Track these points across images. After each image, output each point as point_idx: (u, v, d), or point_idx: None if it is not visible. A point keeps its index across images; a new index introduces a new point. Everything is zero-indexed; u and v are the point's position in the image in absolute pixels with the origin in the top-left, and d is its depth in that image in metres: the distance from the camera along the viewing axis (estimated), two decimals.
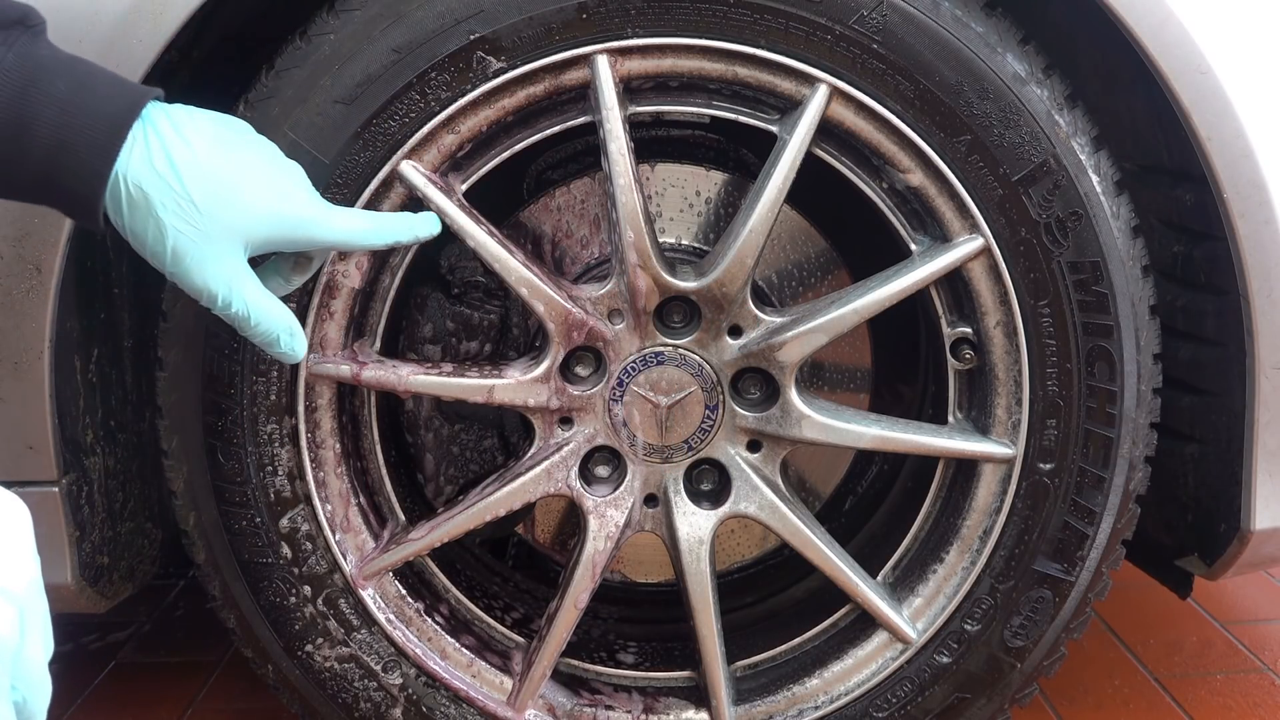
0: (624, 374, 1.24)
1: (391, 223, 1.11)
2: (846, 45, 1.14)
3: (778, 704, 1.34)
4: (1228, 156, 1.16)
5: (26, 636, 0.75)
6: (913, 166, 1.18)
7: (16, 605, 0.75)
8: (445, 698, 1.32)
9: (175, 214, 0.97)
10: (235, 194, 0.99)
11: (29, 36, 0.94)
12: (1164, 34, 1.14)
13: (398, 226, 1.11)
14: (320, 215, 1.05)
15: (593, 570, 1.28)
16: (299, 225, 1.04)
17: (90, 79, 0.96)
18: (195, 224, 0.98)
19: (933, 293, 1.25)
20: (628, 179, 1.17)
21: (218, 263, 1.00)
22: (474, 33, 1.13)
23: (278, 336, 1.05)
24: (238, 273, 1.01)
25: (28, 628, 0.75)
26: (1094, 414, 1.22)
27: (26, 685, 0.75)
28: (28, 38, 0.94)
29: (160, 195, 0.96)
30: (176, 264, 0.99)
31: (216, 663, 1.77)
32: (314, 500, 1.25)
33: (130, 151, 0.96)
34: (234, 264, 1.01)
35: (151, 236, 0.98)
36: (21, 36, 0.93)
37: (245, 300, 1.02)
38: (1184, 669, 1.71)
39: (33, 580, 0.77)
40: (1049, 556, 1.27)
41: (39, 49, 0.94)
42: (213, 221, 0.98)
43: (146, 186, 0.96)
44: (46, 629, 0.78)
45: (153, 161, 0.96)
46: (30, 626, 0.76)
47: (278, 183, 1.04)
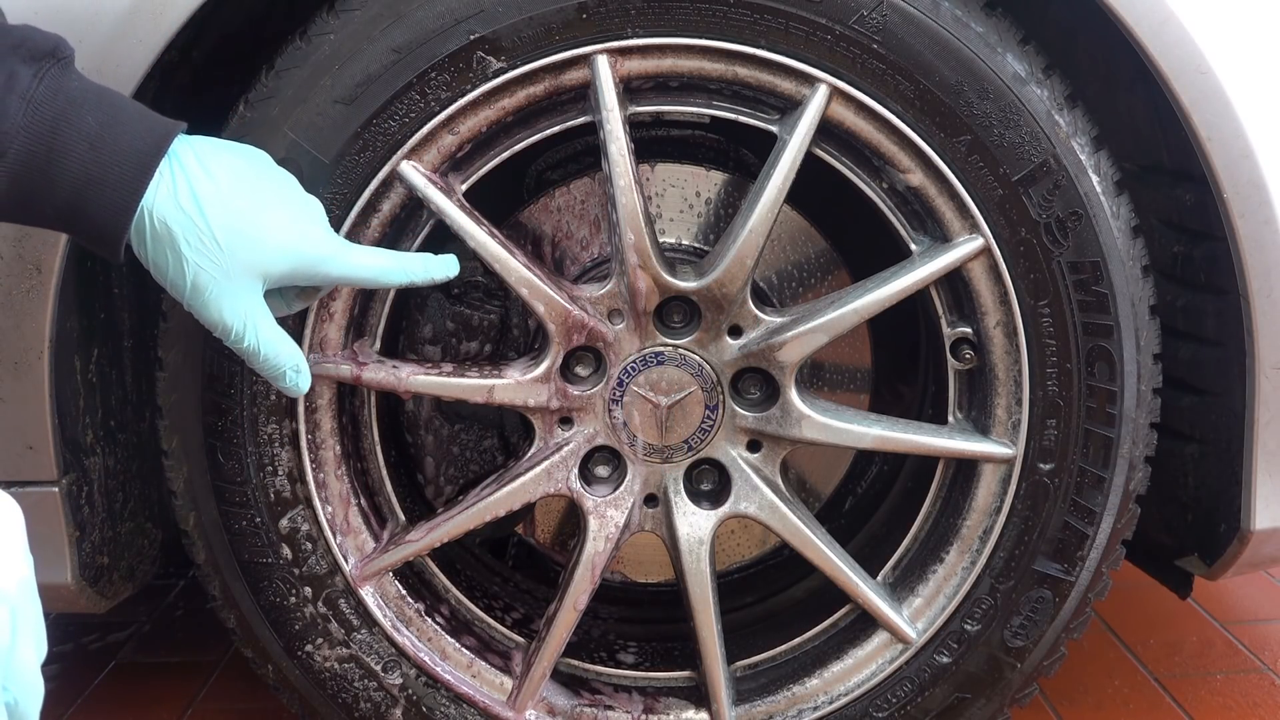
0: (624, 374, 1.24)
1: (410, 263, 1.12)
2: (846, 45, 1.14)
3: (778, 704, 1.34)
4: (1228, 156, 1.16)
5: (18, 637, 0.75)
6: (913, 166, 1.18)
7: (8, 605, 0.75)
8: (445, 698, 1.32)
9: (197, 250, 0.99)
10: (256, 231, 1.01)
11: (59, 68, 0.95)
12: (1164, 34, 1.14)
13: (415, 267, 1.13)
14: (339, 253, 1.07)
15: (592, 570, 1.28)
16: (318, 262, 1.06)
17: (119, 112, 0.97)
18: (216, 260, 1.00)
19: (933, 293, 1.25)
20: (628, 179, 1.17)
21: (235, 298, 1.02)
22: (474, 33, 1.13)
23: (285, 372, 1.08)
24: (253, 308, 1.03)
25: (19, 628, 0.75)
26: (1094, 414, 1.22)
27: (18, 686, 0.75)
28: (58, 69, 0.95)
29: (184, 231, 0.98)
30: (195, 297, 1.01)
31: (216, 663, 1.77)
32: (314, 501, 1.25)
33: (156, 187, 0.97)
34: (250, 299, 1.03)
35: (173, 270, 1.00)
36: (52, 69, 0.95)
37: (258, 335, 1.04)
38: (1184, 669, 1.71)
39: (25, 580, 0.77)
40: (1049, 556, 1.27)
41: (69, 81, 0.96)
42: (233, 258, 1.00)
43: (171, 222, 0.98)
44: (39, 630, 0.78)
45: (178, 198, 0.98)
46: (22, 627, 0.76)
47: (298, 219, 1.05)
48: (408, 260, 1.13)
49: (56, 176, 0.94)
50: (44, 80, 0.93)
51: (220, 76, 1.31)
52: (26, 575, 0.78)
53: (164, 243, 0.98)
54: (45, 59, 0.94)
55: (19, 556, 0.77)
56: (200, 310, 1.02)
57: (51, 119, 0.93)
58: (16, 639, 0.75)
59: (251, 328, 1.03)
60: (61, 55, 0.96)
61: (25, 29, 0.95)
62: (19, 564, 0.77)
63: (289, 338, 1.07)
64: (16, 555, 0.77)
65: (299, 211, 1.06)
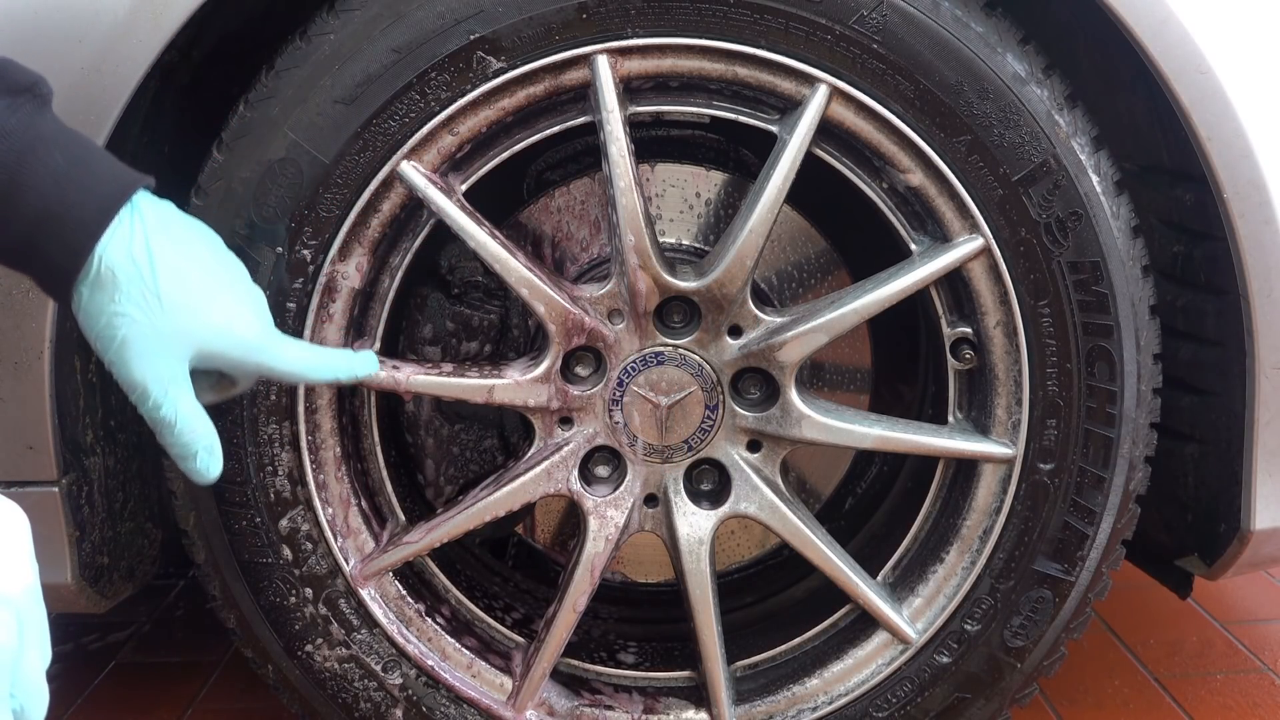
0: (624, 374, 1.24)
1: (334, 360, 1.12)
2: (846, 45, 1.14)
3: (778, 704, 1.34)
4: (1228, 156, 1.16)
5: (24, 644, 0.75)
6: (913, 166, 1.18)
7: (14, 611, 0.74)
8: (445, 698, 1.32)
9: (138, 305, 0.97)
10: (200, 301, 1.00)
11: (35, 105, 0.95)
12: (1164, 34, 1.14)
13: (338, 363, 1.12)
14: (273, 344, 1.06)
15: (592, 571, 1.28)
16: (251, 349, 1.04)
17: (88, 156, 0.96)
18: (153, 319, 0.97)
19: (933, 293, 1.25)
20: (628, 180, 1.17)
21: (160, 361, 0.99)
22: (474, 33, 1.13)
23: (196, 452, 1.03)
24: (176, 377, 1.00)
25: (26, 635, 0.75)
26: (1094, 414, 1.22)
27: (25, 693, 0.75)
28: (33, 106, 0.94)
29: (129, 283, 0.96)
30: (120, 353, 0.98)
31: (216, 663, 1.77)
32: (314, 501, 1.25)
33: (112, 234, 0.96)
34: (176, 367, 1.00)
35: (106, 321, 0.97)
36: (28, 104, 0.94)
37: (176, 407, 1.01)
38: (1184, 669, 1.71)
39: (31, 586, 0.77)
40: (1049, 556, 1.27)
41: (43, 119, 0.95)
42: (170, 321, 0.98)
43: (118, 271, 0.96)
44: (44, 636, 0.78)
45: (131, 248, 0.96)
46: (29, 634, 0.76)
47: (242, 303, 1.04)
48: (332, 357, 1.13)
49: (16, 209, 0.93)
50: (17, 113, 0.93)
51: (220, 76, 1.31)
52: (32, 581, 0.77)
53: (105, 291, 0.96)
54: (22, 94, 0.94)
55: (25, 563, 0.77)
56: (122, 367, 0.99)
57: (19, 151, 0.92)
58: (23, 646, 0.75)
59: (171, 397, 1.00)
60: (39, 92, 0.95)
61: (5, 61, 0.94)
62: (25, 570, 0.77)
63: (207, 417, 1.03)
64: (22, 561, 0.77)
65: (245, 296, 1.05)
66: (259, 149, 1.16)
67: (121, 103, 1.14)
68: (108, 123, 1.14)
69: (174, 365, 1.00)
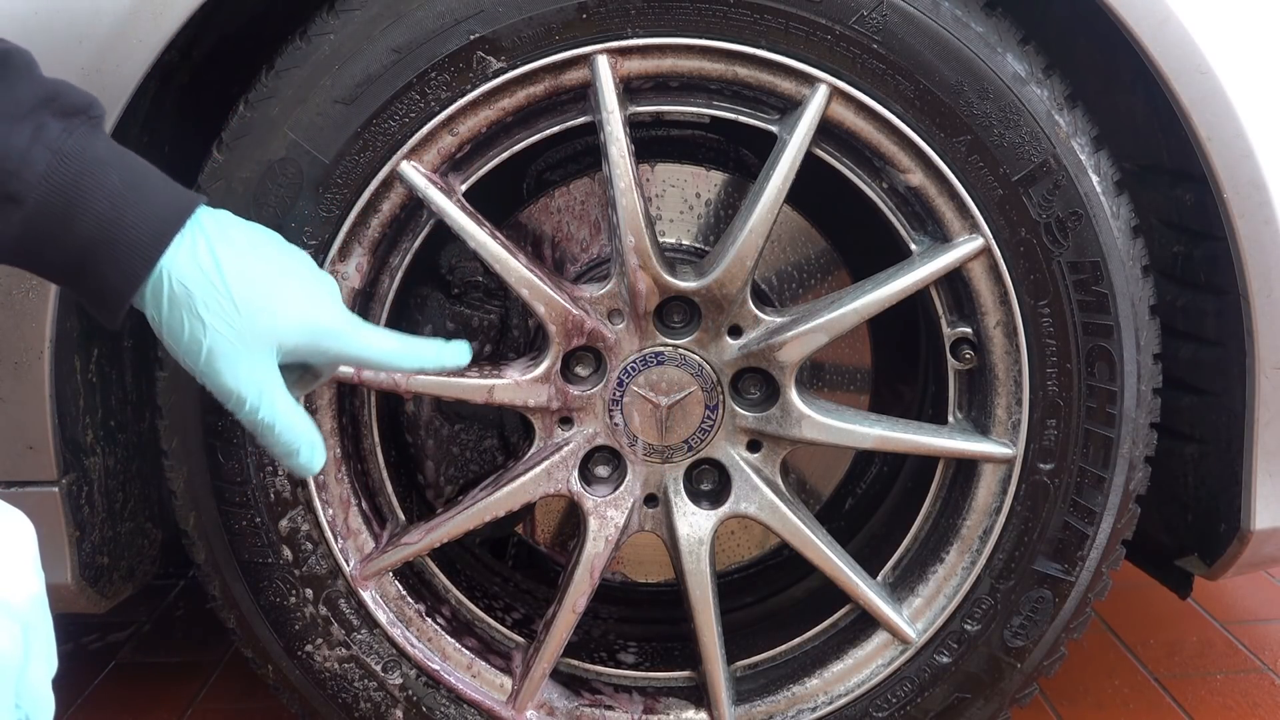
0: (624, 374, 1.24)
1: (421, 348, 1.11)
2: (846, 45, 1.14)
3: (778, 704, 1.34)
4: (1228, 156, 1.16)
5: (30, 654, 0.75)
6: (913, 166, 1.18)
7: (20, 622, 0.74)
8: (445, 698, 1.32)
9: (216, 313, 0.97)
10: (274, 299, 0.99)
11: (89, 126, 0.94)
12: (1164, 34, 1.14)
13: (426, 353, 1.11)
14: (352, 330, 1.05)
15: (592, 571, 1.28)
16: (331, 336, 1.03)
17: (145, 177, 0.96)
18: (234, 324, 0.97)
19: (933, 293, 1.25)
20: (628, 181, 1.17)
21: (251, 366, 0.99)
22: (474, 33, 1.13)
23: (298, 449, 1.04)
24: (269, 379, 1.00)
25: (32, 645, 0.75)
26: (1094, 414, 1.22)
27: (30, 704, 0.75)
28: (88, 127, 0.94)
29: (203, 293, 0.96)
30: (210, 364, 0.98)
31: (216, 663, 1.77)
32: (314, 501, 1.25)
33: (177, 249, 0.95)
34: (266, 369, 1.00)
35: (188, 334, 0.97)
36: (83, 126, 0.93)
37: (274, 408, 1.01)
38: (1184, 669, 1.71)
39: (36, 596, 0.77)
40: (1049, 556, 1.27)
41: (98, 139, 0.94)
42: (251, 324, 0.98)
43: (190, 284, 0.96)
44: (50, 645, 0.78)
45: (198, 260, 0.96)
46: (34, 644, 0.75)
47: (314, 293, 1.04)
48: (420, 346, 1.11)
49: (71, 230, 0.92)
50: (73, 135, 0.92)
51: (220, 76, 1.31)
52: (38, 591, 0.77)
53: (181, 305, 0.96)
54: (77, 115, 0.93)
55: (30, 572, 0.77)
56: (214, 378, 0.99)
57: (75, 173, 0.92)
58: (29, 657, 0.75)
59: (268, 399, 1.00)
60: (94, 114, 0.95)
61: (61, 84, 0.94)
62: (30, 580, 0.77)
63: (305, 413, 1.04)
64: (28, 571, 0.77)
65: (315, 287, 1.04)
66: (259, 149, 1.16)
67: (122, 103, 1.14)
68: (108, 123, 1.13)
69: (264, 367, 1.00)
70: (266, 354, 1.00)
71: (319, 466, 1.06)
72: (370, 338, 1.07)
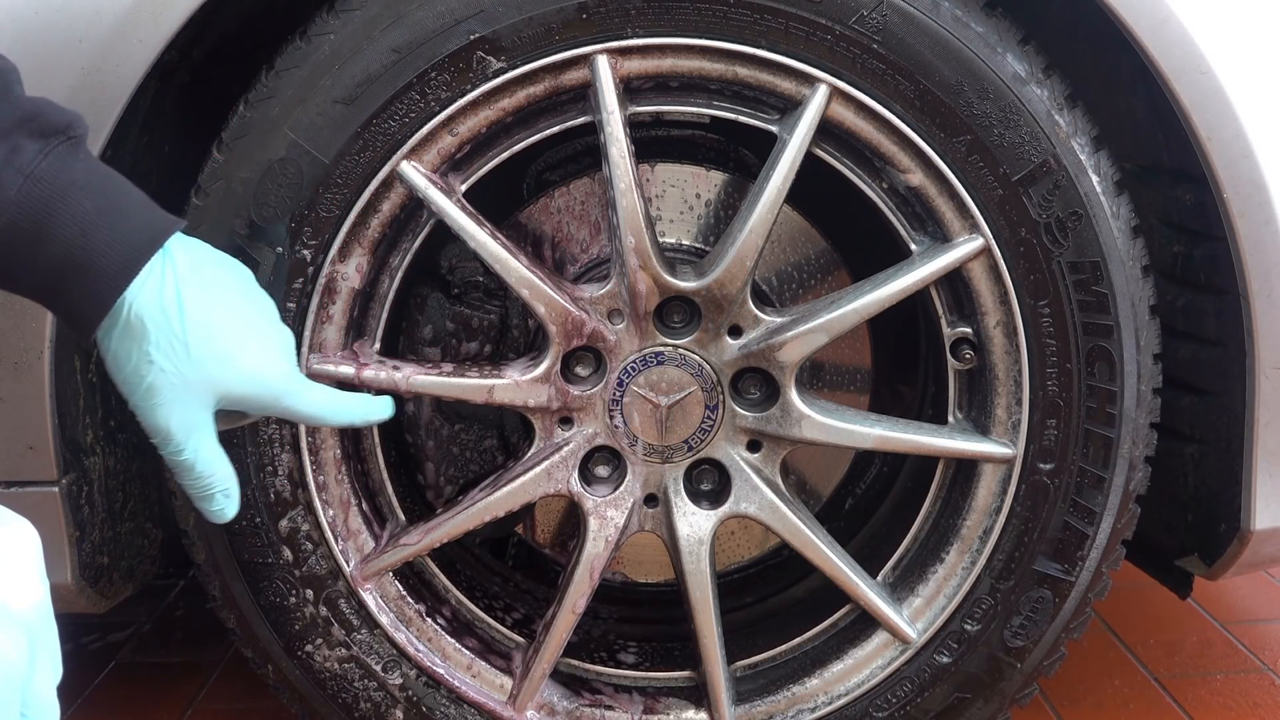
0: (624, 374, 1.24)
1: (351, 404, 1.13)
2: (846, 45, 1.14)
3: (778, 704, 1.34)
4: (1228, 156, 1.16)
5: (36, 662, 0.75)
6: (913, 166, 1.18)
7: (26, 630, 0.74)
8: (445, 698, 1.32)
9: (166, 355, 0.96)
10: (229, 352, 0.99)
11: (69, 147, 0.93)
12: (1164, 34, 1.14)
13: (355, 408, 1.13)
14: (297, 389, 1.06)
15: (592, 571, 1.28)
16: (278, 394, 1.04)
17: (119, 202, 0.94)
18: (181, 370, 0.97)
19: (933, 293, 1.25)
20: (628, 181, 1.17)
21: (185, 409, 0.99)
22: (474, 33, 1.13)
23: (214, 494, 1.04)
24: (200, 423, 1.00)
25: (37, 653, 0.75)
26: (1094, 414, 1.22)
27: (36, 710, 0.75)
28: (66, 147, 0.93)
29: (158, 333, 0.96)
30: (147, 399, 0.98)
31: (216, 663, 1.77)
32: (314, 502, 1.25)
33: (144, 281, 0.94)
34: (200, 413, 1.00)
35: (133, 367, 0.96)
36: (61, 146, 0.92)
37: (198, 452, 1.01)
38: (1184, 669, 1.71)
39: (41, 603, 0.77)
40: (1049, 556, 1.27)
41: (76, 161, 0.93)
42: (198, 371, 0.98)
43: (148, 320, 0.95)
44: (55, 652, 0.78)
45: (162, 297, 0.95)
46: (40, 652, 0.75)
47: (270, 349, 1.04)
48: (350, 401, 1.13)
49: (42, 254, 0.91)
50: (49, 157, 0.91)
51: (220, 76, 1.31)
52: (42, 598, 0.77)
53: (133, 339, 0.95)
54: (55, 135, 0.92)
55: (35, 580, 0.77)
56: (148, 413, 0.98)
57: (47, 197, 0.90)
58: (34, 664, 0.75)
59: (193, 442, 1.00)
60: (73, 134, 0.93)
61: (42, 103, 0.93)
62: (35, 587, 0.77)
63: (227, 459, 1.03)
64: (33, 578, 0.77)
65: (274, 342, 1.04)
66: (259, 149, 1.16)
67: (122, 103, 1.14)
68: (108, 123, 1.14)
69: (198, 412, 0.99)
70: (205, 401, 0.99)
71: (232, 514, 1.06)
72: (313, 395, 1.07)
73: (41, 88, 1.12)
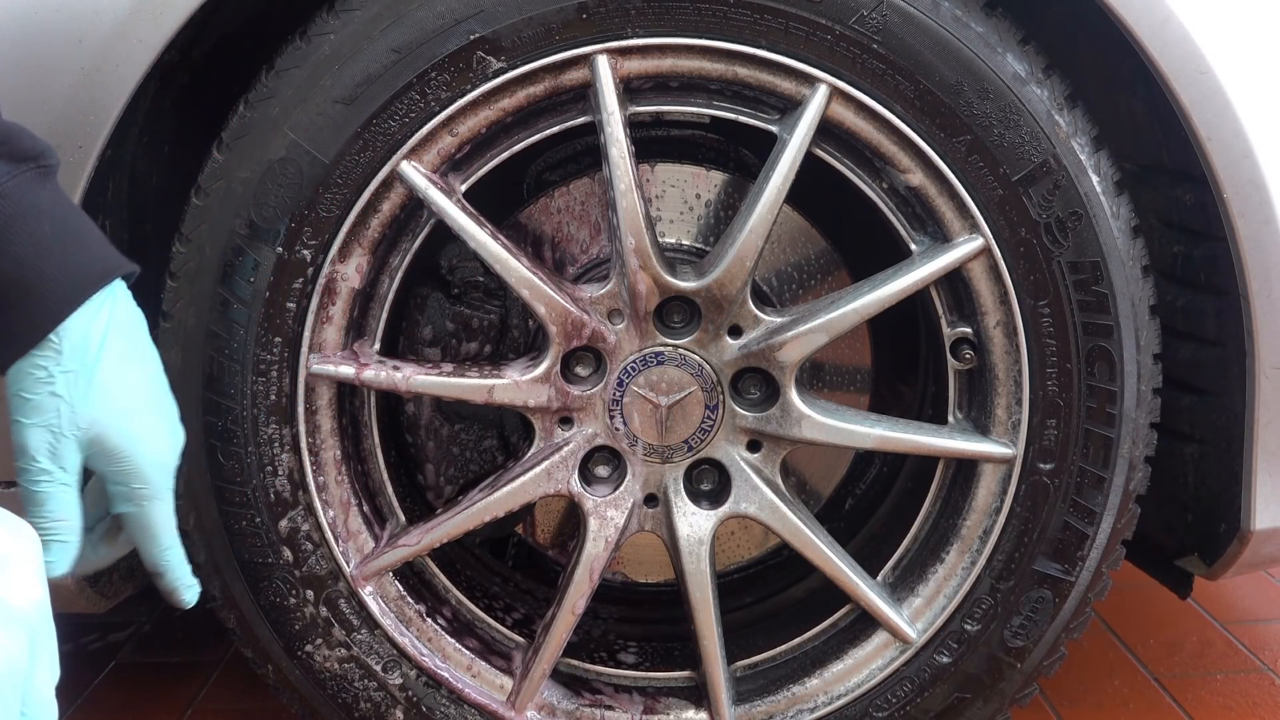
0: (624, 374, 1.24)
1: (172, 562, 1.03)
2: (846, 45, 1.14)
3: (778, 704, 1.34)
4: (1228, 156, 1.16)
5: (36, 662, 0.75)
6: (913, 166, 1.18)
7: (27, 629, 0.75)
8: (445, 698, 1.32)
9: (69, 379, 0.92)
10: (127, 406, 0.95)
11: (37, 175, 0.92)
12: (1164, 34, 1.14)
13: (177, 575, 1.04)
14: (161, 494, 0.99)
15: (591, 571, 1.28)
16: (144, 474, 0.97)
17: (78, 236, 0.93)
18: (74, 397, 0.93)
19: (933, 293, 1.25)
20: (628, 182, 1.17)
21: (59, 440, 0.93)
22: (474, 33, 1.13)
23: (51, 542, 0.94)
24: (67, 462, 0.94)
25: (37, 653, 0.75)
26: (1094, 414, 1.22)
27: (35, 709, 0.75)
28: (35, 175, 0.92)
29: (71, 357, 0.92)
30: (28, 414, 0.93)
31: (216, 663, 1.77)
32: (314, 502, 1.25)
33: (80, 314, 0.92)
34: (71, 452, 0.94)
35: (29, 379, 0.92)
36: (30, 173, 0.91)
37: (51, 488, 0.94)
38: (1184, 669, 1.71)
39: (40, 602, 0.77)
40: (1049, 556, 1.27)
41: (42, 189, 0.92)
42: (89, 408, 0.93)
43: (66, 341, 0.92)
44: (53, 652, 0.78)
45: (89, 328, 0.92)
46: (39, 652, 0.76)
47: (164, 433, 0.99)
48: (172, 558, 1.02)
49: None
50: (15, 179, 0.90)
51: (220, 76, 1.31)
52: (42, 598, 0.77)
53: (45, 352, 0.92)
54: (25, 161, 0.91)
55: (35, 580, 0.77)
56: (20, 430, 0.93)
57: (8, 215, 0.89)
58: (34, 664, 0.75)
59: (54, 477, 0.93)
60: (45, 163, 0.93)
61: (15, 129, 0.92)
62: (35, 587, 0.77)
63: (80, 514, 0.95)
64: (32, 578, 0.77)
65: (171, 430, 1.00)
66: (259, 149, 1.16)
67: (122, 103, 1.14)
68: (108, 123, 1.14)
69: (70, 450, 0.94)
70: (80, 442, 0.94)
71: (62, 570, 0.97)
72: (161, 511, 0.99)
73: (41, 87, 1.12)
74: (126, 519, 0.99)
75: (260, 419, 1.22)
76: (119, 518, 0.99)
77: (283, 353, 1.21)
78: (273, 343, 1.20)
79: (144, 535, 1.00)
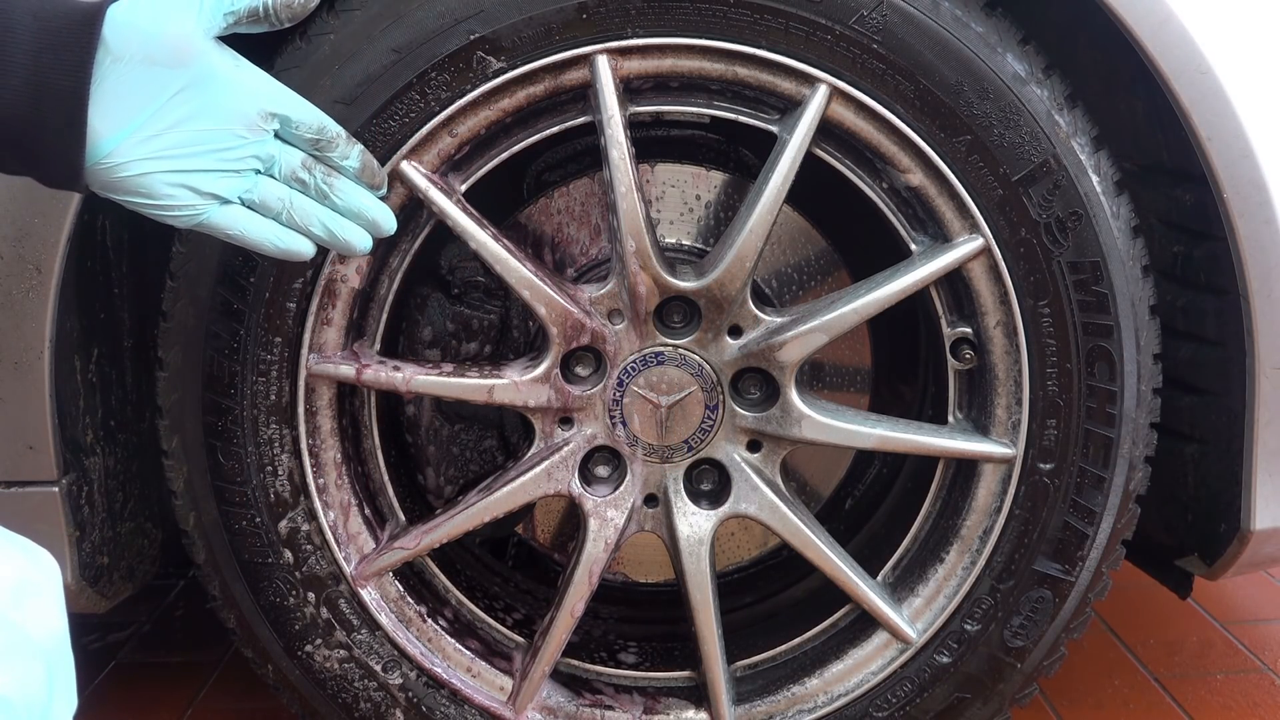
0: (624, 374, 1.24)
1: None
2: (846, 45, 1.14)
3: (778, 704, 1.34)
4: (1228, 156, 1.16)
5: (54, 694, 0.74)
6: (913, 166, 1.18)
7: (45, 662, 0.74)
8: (445, 698, 1.32)
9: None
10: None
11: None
12: (1164, 34, 1.14)
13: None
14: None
15: (591, 571, 1.28)
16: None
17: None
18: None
19: (933, 293, 1.25)
20: (628, 183, 1.17)
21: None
22: (474, 33, 1.13)
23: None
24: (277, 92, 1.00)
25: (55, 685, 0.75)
26: (1094, 414, 1.22)
27: None
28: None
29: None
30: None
31: (216, 663, 1.77)
32: (314, 502, 1.25)
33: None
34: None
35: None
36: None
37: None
38: (1184, 669, 1.71)
39: (60, 634, 0.76)
40: (1049, 556, 1.27)
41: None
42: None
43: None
44: (71, 684, 0.77)
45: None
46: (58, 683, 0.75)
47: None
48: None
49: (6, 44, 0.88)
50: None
51: None
52: (62, 630, 0.77)
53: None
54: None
55: (55, 611, 0.76)
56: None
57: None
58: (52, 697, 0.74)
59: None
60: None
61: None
62: (55, 619, 0.76)
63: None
64: (53, 610, 0.76)
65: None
66: None
67: None
68: None
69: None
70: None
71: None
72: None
73: None
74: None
75: (261, 419, 1.22)
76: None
77: (283, 353, 1.21)
78: (273, 343, 1.20)
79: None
